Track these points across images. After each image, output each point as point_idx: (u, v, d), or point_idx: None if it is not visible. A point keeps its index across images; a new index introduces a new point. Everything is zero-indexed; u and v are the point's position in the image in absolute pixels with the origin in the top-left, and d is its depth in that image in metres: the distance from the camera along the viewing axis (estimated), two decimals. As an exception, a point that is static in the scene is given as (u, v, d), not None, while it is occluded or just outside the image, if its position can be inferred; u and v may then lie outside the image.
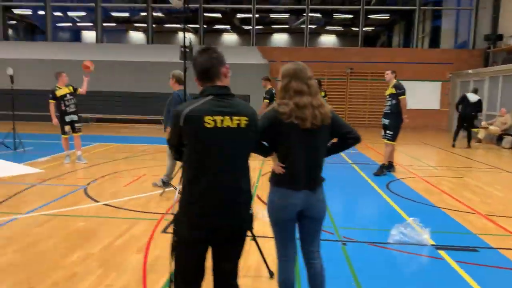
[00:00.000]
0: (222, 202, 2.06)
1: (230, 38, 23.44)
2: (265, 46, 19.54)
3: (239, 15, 21.99)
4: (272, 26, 22.60)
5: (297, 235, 2.63)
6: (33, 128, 13.35)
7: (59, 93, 7.83)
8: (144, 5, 19.20)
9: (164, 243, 4.15)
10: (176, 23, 22.47)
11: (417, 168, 8.54)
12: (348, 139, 2.57)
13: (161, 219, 4.88)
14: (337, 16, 22.04)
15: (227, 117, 2.03)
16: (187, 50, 5.44)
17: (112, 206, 5.37)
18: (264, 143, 2.53)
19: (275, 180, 2.52)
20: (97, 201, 5.56)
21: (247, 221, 2.18)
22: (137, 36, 23.07)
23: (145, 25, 19.75)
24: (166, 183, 6.06)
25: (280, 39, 23.10)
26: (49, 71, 15.55)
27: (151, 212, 5.15)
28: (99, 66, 16.47)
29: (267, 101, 9.66)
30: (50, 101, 7.84)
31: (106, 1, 19.85)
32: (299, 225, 2.58)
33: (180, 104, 2.08)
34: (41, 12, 20.72)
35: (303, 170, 2.45)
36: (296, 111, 2.38)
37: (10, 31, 21.33)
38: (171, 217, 4.91)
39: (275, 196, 2.50)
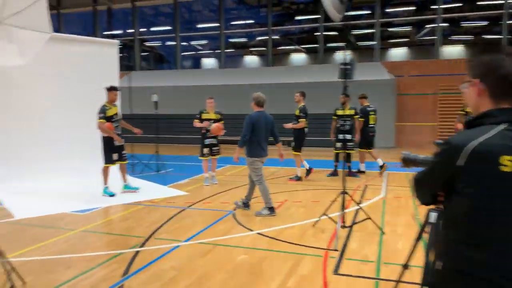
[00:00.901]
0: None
1: (342, 55, 22.73)
2: (385, 61, 18.41)
3: (355, 32, 21.28)
4: (389, 40, 21.37)
5: None
6: (167, 150, 14.18)
7: (204, 116, 8.04)
8: (265, 29, 19.68)
9: (340, 287, 3.61)
10: (290, 45, 22.62)
11: None
12: None
13: (326, 256, 4.35)
14: (465, 24, 19.96)
15: None
16: (348, 67, 4.96)
17: (267, 236, 5.02)
18: None
19: None
20: (250, 230, 5.27)
21: None
22: (251, 60, 23.75)
23: (261, 48, 20.14)
24: (246, 204, 6.32)
25: (398, 52, 21.69)
26: (183, 96, 16.72)
27: (312, 247, 4.65)
28: (221, 90, 17.24)
29: (303, 120, 8.51)
30: (195, 120, 8.05)
31: (226, 29, 20.86)
32: None
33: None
34: (168, 43, 22.69)
35: None
36: None
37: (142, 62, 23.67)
38: (336, 254, 4.43)
39: None
